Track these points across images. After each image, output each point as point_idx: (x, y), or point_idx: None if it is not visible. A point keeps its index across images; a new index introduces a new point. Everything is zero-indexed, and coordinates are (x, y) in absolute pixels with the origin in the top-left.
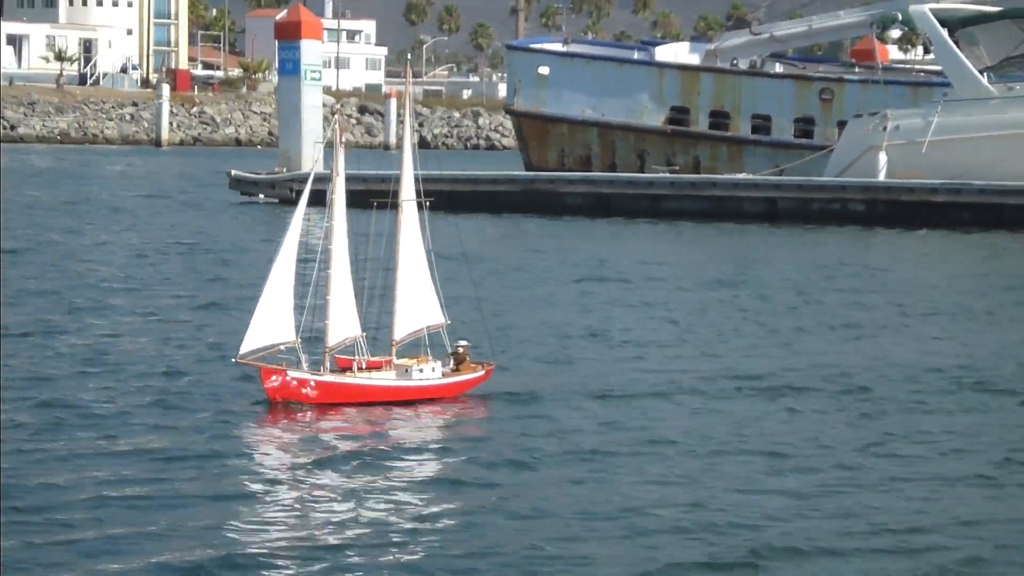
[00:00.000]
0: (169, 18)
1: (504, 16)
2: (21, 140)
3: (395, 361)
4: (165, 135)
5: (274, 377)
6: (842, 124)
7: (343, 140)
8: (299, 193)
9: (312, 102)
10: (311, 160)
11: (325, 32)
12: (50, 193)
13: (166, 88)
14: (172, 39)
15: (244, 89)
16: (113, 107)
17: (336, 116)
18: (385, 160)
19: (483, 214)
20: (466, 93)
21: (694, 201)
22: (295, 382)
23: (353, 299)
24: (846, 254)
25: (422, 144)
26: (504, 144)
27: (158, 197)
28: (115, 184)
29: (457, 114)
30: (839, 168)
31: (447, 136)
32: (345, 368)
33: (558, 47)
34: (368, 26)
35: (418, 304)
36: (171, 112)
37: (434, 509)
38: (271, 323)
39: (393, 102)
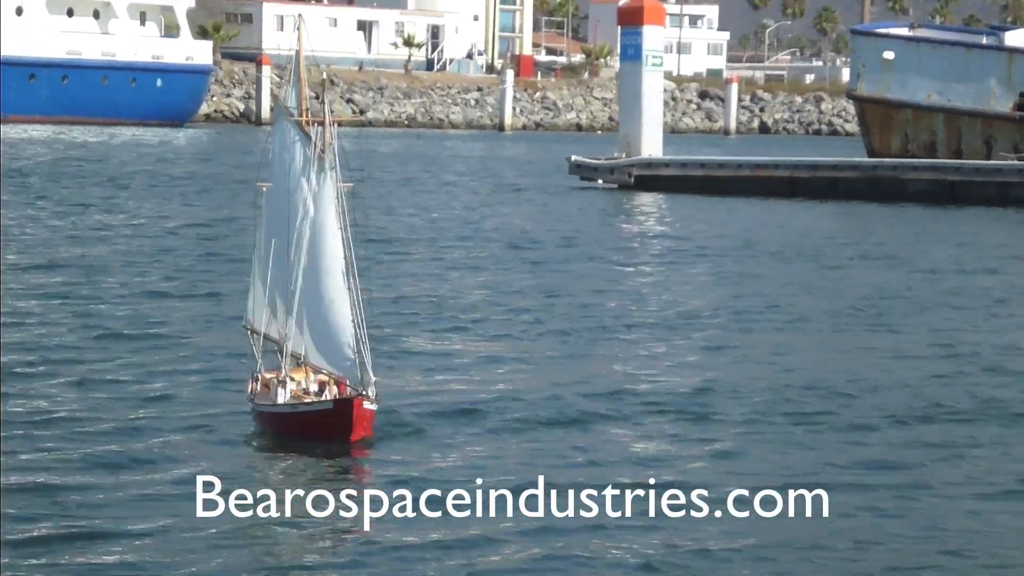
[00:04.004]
0: (514, 4)
1: (850, 0)
2: (369, 124)
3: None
4: (508, 120)
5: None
6: None
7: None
8: (639, 179)
9: (653, 88)
10: (652, 146)
11: (668, 17)
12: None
13: (510, 74)
14: (516, 25)
15: (586, 75)
16: (459, 92)
17: (324, 80)
18: (719, 146)
19: (825, 201)
20: (808, 78)
21: None
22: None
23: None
24: None
25: (762, 129)
26: (846, 130)
27: (501, 180)
28: (463, 166)
29: (799, 99)
30: None
31: (788, 121)
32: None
33: (904, 31)
34: (711, 11)
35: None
36: (514, 97)
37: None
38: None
39: (734, 87)
